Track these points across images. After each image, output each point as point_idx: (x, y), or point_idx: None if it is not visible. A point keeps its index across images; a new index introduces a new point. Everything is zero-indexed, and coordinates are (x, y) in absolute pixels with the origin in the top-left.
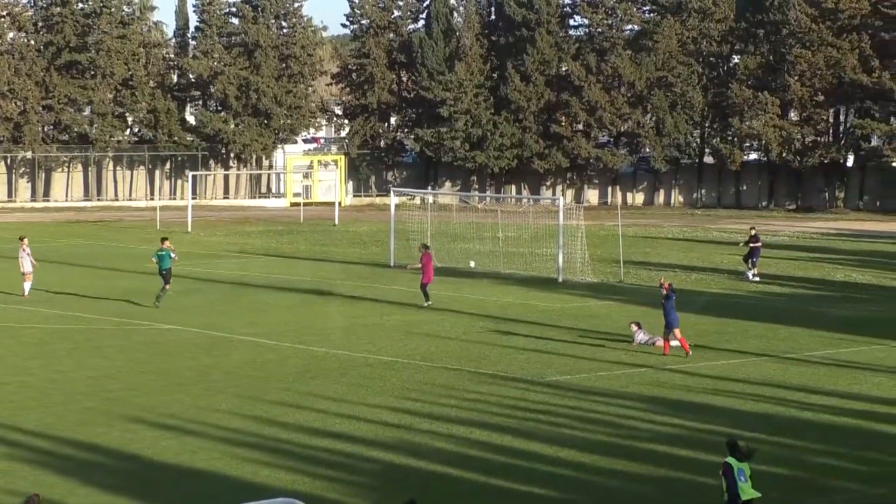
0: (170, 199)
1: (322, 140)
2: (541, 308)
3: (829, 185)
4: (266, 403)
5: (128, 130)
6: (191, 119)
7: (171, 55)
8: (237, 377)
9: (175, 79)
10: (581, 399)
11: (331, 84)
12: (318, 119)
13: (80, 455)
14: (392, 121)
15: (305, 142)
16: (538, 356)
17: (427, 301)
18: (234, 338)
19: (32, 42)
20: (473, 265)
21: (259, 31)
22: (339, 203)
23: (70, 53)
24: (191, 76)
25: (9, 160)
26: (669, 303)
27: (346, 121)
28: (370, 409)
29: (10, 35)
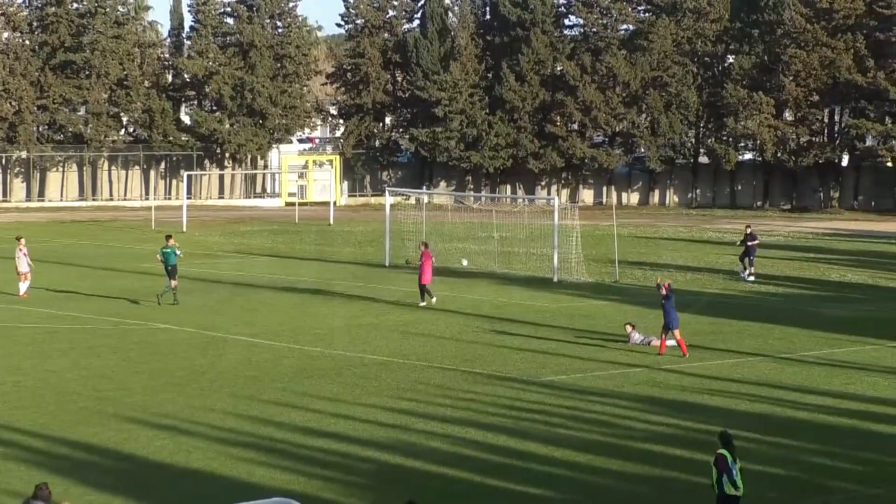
0: (165, 199)
1: (317, 140)
2: (536, 308)
3: (824, 185)
4: (261, 403)
5: (123, 130)
6: (186, 119)
7: (166, 55)
8: (232, 377)
9: (170, 79)
10: (576, 399)
11: (326, 84)
12: (313, 119)
13: (75, 455)
14: (387, 120)
15: (300, 141)
16: (533, 356)
17: (422, 301)
18: (230, 337)
19: (27, 42)
20: (465, 263)
21: (254, 31)
22: (335, 203)
23: (65, 53)
24: (186, 76)
25: (3, 160)
26: (669, 303)
27: (341, 120)
28: (365, 409)
29: (5, 35)
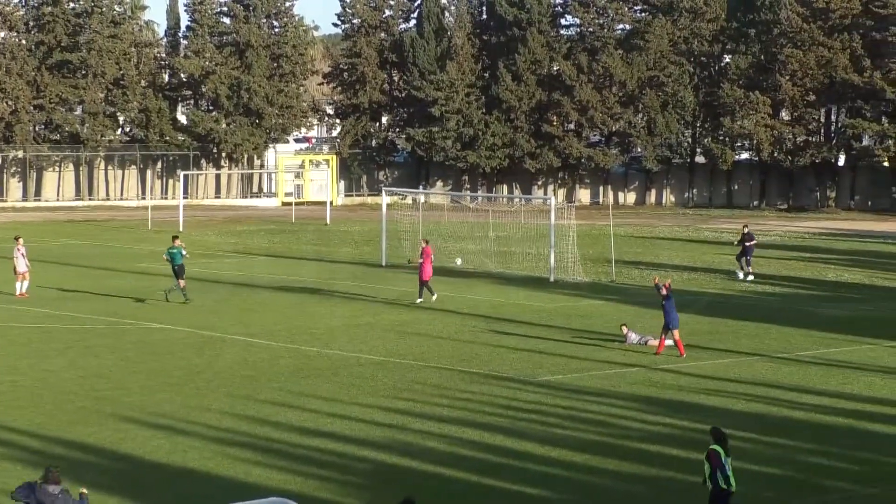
0: (161, 199)
1: (313, 139)
2: (533, 308)
3: (821, 185)
4: (258, 403)
5: (119, 130)
6: (182, 118)
7: (163, 55)
8: (229, 377)
9: (166, 78)
10: (573, 399)
11: (322, 83)
12: (310, 118)
13: (72, 454)
14: (383, 120)
15: (297, 141)
16: (530, 356)
17: (420, 297)
18: (226, 337)
19: (24, 41)
20: (459, 262)
21: (250, 31)
22: (331, 203)
23: (61, 53)
24: (182, 76)
25: (0, 160)
26: (669, 303)
27: (338, 120)
28: (362, 409)
29: (2, 34)
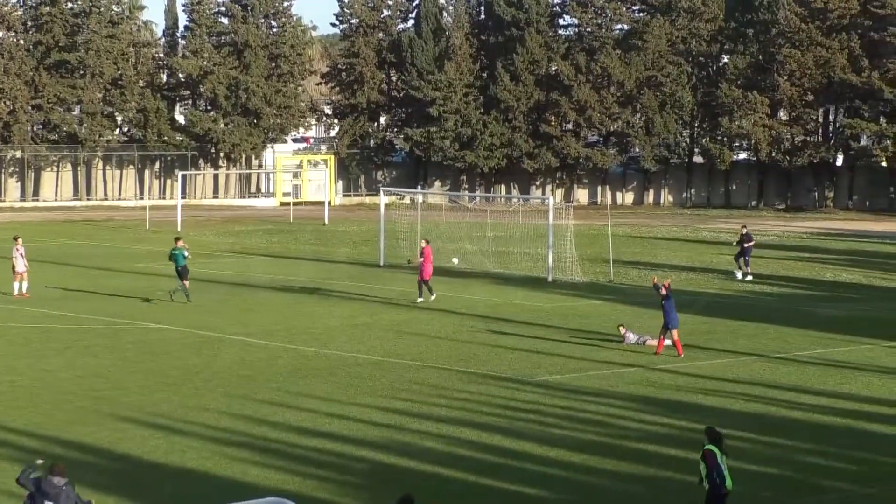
0: (159, 199)
1: (311, 139)
2: (531, 308)
3: (819, 185)
4: (255, 403)
5: (117, 130)
6: (180, 118)
7: (161, 54)
8: (227, 377)
9: (164, 78)
10: (571, 399)
11: (320, 83)
12: (308, 118)
13: (70, 454)
14: (381, 120)
15: (295, 141)
16: (528, 356)
17: (420, 297)
18: (224, 337)
19: (21, 41)
20: (456, 261)
21: (248, 31)
22: (329, 203)
23: (59, 53)
24: (180, 75)
25: None
26: (669, 303)
27: (336, 120)
28: (360, 409)
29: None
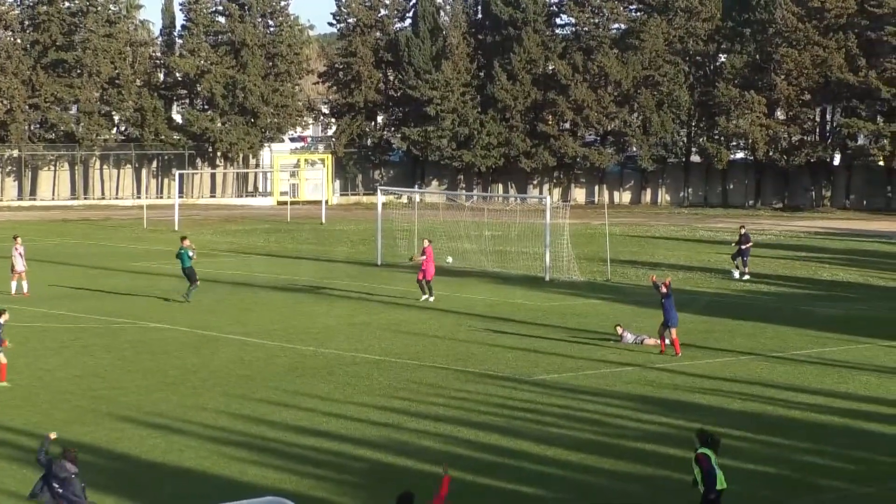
0: (157, 198)
1: (309, 139)
2: (528, 307)
3: (816, 184)
4: (253, 402)
5: (114, 129)
6: (177, 118)
7: (158, 54)
8: (225, 376)
9: (162, 77)
10: (568, 398)
11: (317, 83)
12: (305, 118)
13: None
14: (379, 119)
15: (292, 140)
16: (525, 355)
17: (424, 295)
18: (222, 336)
19: (19, 40)
20: (450, 260)
21: (246, 30)
22: (326, 202)
23: (56, 52)
24: (177, 75)
25: None
26: (669, 301)
27: (333, 119)
28: (357, 408)
29: None
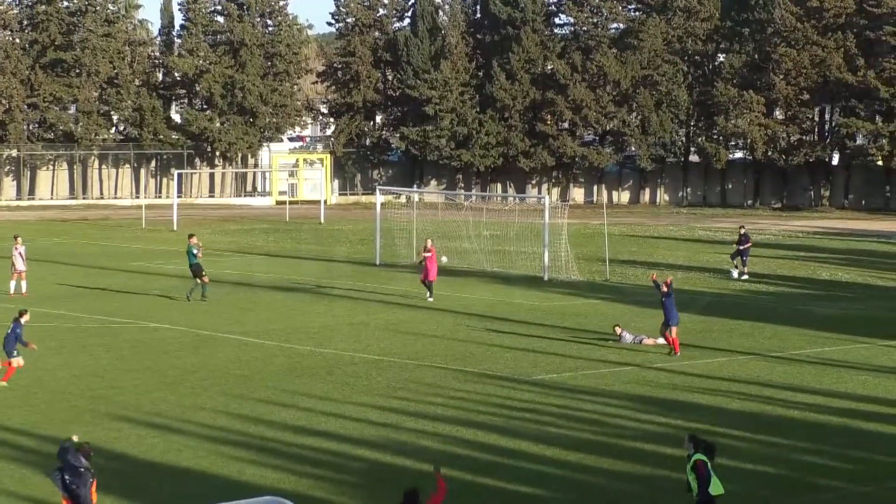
0: (155, 198)
1: (307, 138)
2: (527, 306)
3: (815, 184)
4: (252, 402)
5: (113, 129)
6: (176, 117)
7: (157, 53)
8: (223, 376)
9: (160, 77)
10: (567, 397)
11: (316, 82)
12: (304, 117)
13: None
14: (377, 119)
15: (291, 140)
16: (524, 355)
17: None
18: (221, 336)
19: (17, 40)
20: (445, 260)
21: (244, 30)
22: (325, 201)
23: (55, 52)
24: (176, 74)
25: None
26: (670, 300)
27: (332, 119)
28: (356, 408)
29: None
